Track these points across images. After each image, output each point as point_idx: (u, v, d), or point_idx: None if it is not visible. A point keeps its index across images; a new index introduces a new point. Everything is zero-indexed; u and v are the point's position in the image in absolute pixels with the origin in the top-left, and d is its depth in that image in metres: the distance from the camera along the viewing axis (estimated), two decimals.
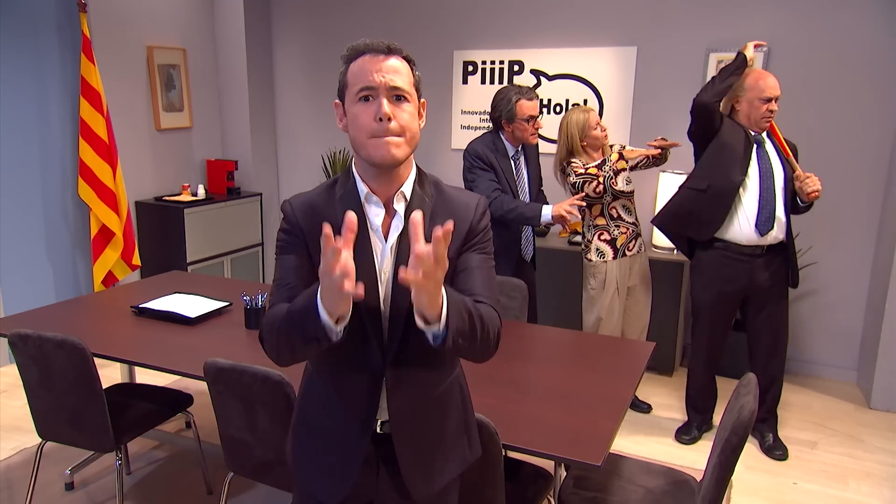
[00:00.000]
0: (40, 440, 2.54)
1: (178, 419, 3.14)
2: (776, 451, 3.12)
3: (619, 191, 3.16)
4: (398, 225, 1.32)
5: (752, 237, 2.92)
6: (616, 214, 3.23)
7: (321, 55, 5.10)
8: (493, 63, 4.54)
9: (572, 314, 3.81)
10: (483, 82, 4.56)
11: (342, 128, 1.33)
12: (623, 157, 3.16)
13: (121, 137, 4.37)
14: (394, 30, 4.73)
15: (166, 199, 4.70)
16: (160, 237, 4.64)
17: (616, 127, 4.21)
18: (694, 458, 3.06)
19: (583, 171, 3.15)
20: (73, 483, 2.84)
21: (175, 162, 4.94)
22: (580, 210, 3.16)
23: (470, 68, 4.61)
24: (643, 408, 3.55)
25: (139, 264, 4.36)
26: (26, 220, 4.11)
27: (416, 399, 1.39)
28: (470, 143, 3.13)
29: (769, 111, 2.88)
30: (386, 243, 1.32)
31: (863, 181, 3.75)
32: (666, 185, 3.86)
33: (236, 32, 5.03)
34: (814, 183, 2.82)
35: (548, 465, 2.04)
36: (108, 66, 4.32)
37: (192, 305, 2.80)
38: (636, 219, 3.31)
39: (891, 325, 3.52)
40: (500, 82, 4.50)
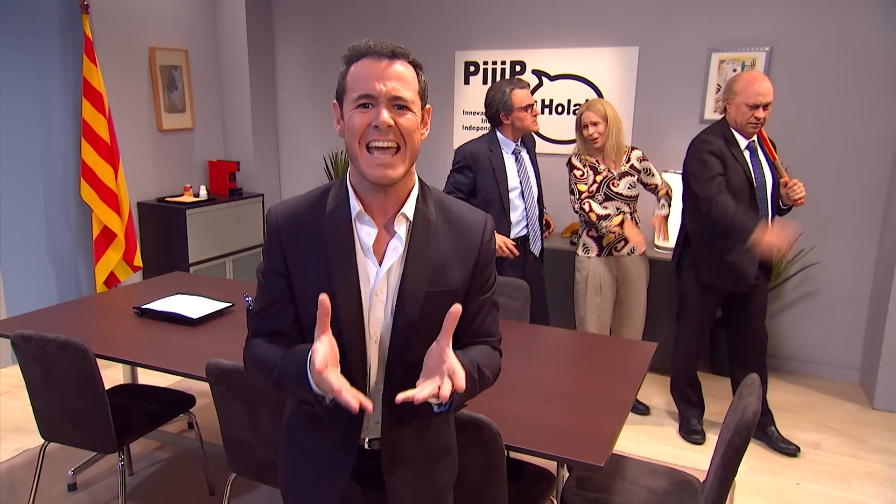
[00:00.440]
0: (43, 441, 2.55)
1: (180, 420, 3.14)
2: (787, 445, 3.11)
3: (617, 193, 3.17)
4: (397, 247, 1.27)
5: None
6: (606, 213, 3.24)
7: (323, 55, 5.10)
8: (494, 63, 4.53)
9: (573, 314, 3.80)
10: (485, 83, 4.56)
11: (339, 131, 1.26)
12: (635, 168, 3.28)
13: (123, 138, 4.37)
14: (395, 30, 4.73)
15: (168, 199, 4.70)
16: (162, 238, 4.64)
17: None
18: (697, 459, 3.05)
19: (574, 180, 3.27)
20: (76, 484, 2.84)
21: (177, 163, 4.95)
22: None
23: (472, 69, 4.60)
24: (641, 409, 3.53)
25: (141, 265, 4.36)
26: (28, 221, 4.11)
27: (405, 416, 1.34)
28: (460, 146, 3.15)
29: (755, 118, 2.81)
30: (381, 267, 1.27)
31: (865, 181, 3.74)
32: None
33: (238, 33, 5.04)
34: (800, 189, 2.88)
35: (550, 465, 2.03)
36: (110, 67, 4.32)
37: (195, 306, 2.80)
38: (636, 222, 3.32)
39: (894, 325, 3.50)
40: None
